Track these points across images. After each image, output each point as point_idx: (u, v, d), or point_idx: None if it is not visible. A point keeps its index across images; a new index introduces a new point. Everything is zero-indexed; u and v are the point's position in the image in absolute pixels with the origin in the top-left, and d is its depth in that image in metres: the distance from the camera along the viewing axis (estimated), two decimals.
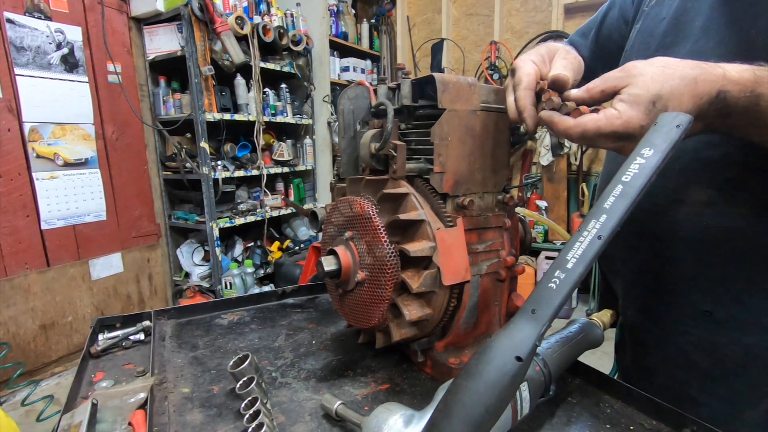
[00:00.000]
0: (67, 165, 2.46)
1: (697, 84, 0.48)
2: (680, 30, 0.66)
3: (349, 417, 0.56)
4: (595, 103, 0.53)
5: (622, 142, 0.50)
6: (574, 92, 0.55)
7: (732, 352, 0.64)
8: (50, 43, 2.36)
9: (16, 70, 2.23)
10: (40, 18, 2.32)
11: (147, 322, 0.89)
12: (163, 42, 2.83)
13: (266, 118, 3.29)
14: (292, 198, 3.70)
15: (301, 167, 3.74)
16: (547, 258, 3.45)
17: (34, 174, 2.32)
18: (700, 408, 0.64)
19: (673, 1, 0.69)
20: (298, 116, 3.66)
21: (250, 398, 0.57)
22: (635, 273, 0.74)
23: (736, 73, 0.48)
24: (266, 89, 3.30)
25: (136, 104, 2.80)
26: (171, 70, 2.92)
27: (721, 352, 0.64)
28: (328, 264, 0.66)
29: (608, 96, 0.52)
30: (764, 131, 0.51)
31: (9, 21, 2.19)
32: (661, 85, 0.48)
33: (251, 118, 3.16)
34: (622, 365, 0.86)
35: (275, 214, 3.43)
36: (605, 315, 0.77)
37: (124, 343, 0.83)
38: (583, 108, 0.52)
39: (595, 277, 3.46)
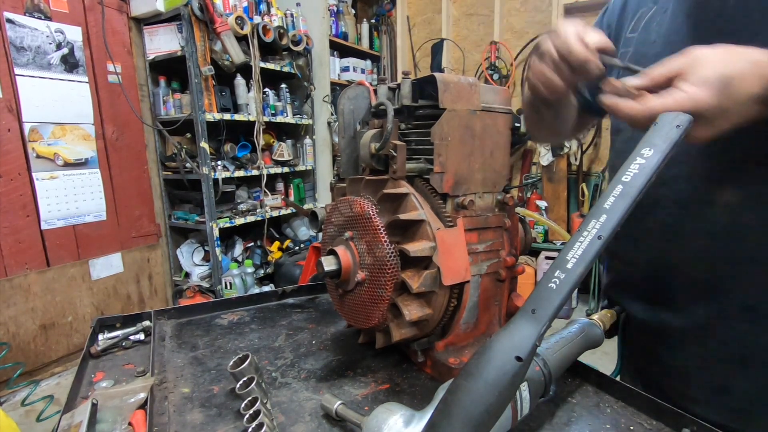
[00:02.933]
0: (67, 165, 2.46)
1: (761, 67, 0.49)
2: (674, 51, 0.68)
3: (349, 417, 0.56)
4: (658, 89, 0.53)
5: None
6: (634, 80, 0.55)
7: None
8: (50, 43, 2.36)
9: (16, 70, 2.23)
10: (40, 18, 2.32)
11: (147, 322, 0.89)
12: (163, 42, 2.83)
13: (266, 118, 3.29)
14: (292, 198, 3.70)
15: (301, 167, 3.74)
16: (547, 258, 3.45)
17: (34, 174, 2.32)
18: (740, 397, 0.67)
19: (660, 26, 0.71)
20: (298, 116, 3.66)
21: (250, 398, 0.57)
22: (665, 271, 0.73)
23: None
24: (266, 89, 3.30)
25: (136, 104, 2.80)
26: (171, 70, 2.92)
27: (763, 343, 0.66)
28: (328, 264, 0.66)
29: (671, 80, 0.52)
30: None
31: (9, 21, 2.19)
32: (728, 66, 0.49)
33: (251, 118, 3.16)
34: (635, 366, 0.84)
35: (275, 214, 3.43)
36: (605, 315, 0.77)
37: (124, 343, 0.83)
38: (644, 93, 0.53)
39: (595, 277, 3.46)
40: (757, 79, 0.49)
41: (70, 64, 2.45)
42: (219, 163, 3.00)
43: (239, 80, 3.11)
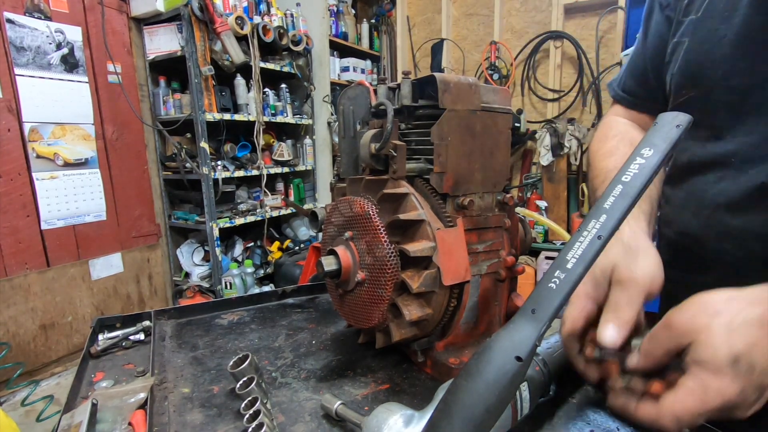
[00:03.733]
0: (67, 165, 2.46)
1: (764, 321, 0.40)
2: (759, 54, 0.53)
3: (349, 417, 0.56)
4: (662, 367, 0.45)
5: (728, 412, 0.41)
6: (634, 358, 0.46)
7: None
8: (50, 43, 2.36)
9: (16, 70, 2.23)
10: (40, 18, 2.32)
11: (147, 322, 0.89)
12: (163, 42, 2.83)
13: (266, 118, 3.29)
14: (292, 198, 3.70)
15: (301, 167, 3.74)
16: (547, 258, 3.45)
17: (34, 174, 2.33)
18: None
19: (730, 12, 0.54)
20: (298, 116, 3.66)
21: (250, 398, 0.57)
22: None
23: None
24: (266, 89, 3.30)
25: (136, 104, 2.81)
26: (171, 70, 2.92)
27: None
28: (328, 264, 0.66)
29: (674, 356, 0.44)
30: None
31: (9, 21, 2.19)
32: (730, 339, 0.40)
33: (251, 118, 3.16)
34: None
35: (275, 214, 3.43)
36: None
37: (124, 343, 0.83)
38: (655, 388, 0.44)
39: None
40: None
41: (70, 64, 2.45)
42: (219, 163, 3.00)
43: (239, 80, 3.11)
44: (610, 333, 0.46)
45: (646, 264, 0.49)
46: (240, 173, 3.11)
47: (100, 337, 0.84)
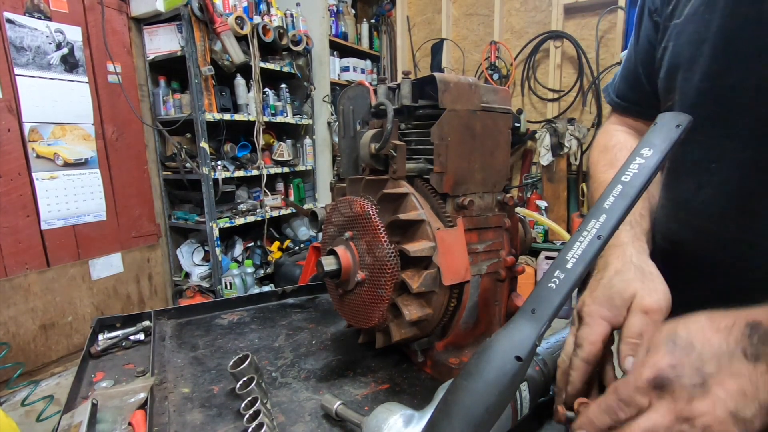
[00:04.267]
0: (67, 165, 2.46)
1: (712, 317, 0.40)
2: (734, 58, 0.52)
3: (349, 417, 0.56)
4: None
5: (661, 392, 0.39)
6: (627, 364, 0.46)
7: None
8: (50, 43, 2.36)
9: (16, 70, 2.23)
10: (40, 18, 2.32)
11: (147, 322, 0.89)
12: (163, 42, 2.83)
13: (266, 118, 3.29)
14: (292, 198, 3.70)
15: (301, 167, 3.74)
16: (547, 258, 3.45)
17: (34, 174, 2.32)
18: None
19: (711, 14, 0.53)
20: (298, 116, 3.66)
21: (250, 398, 0.57)
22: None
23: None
24: (266, 89, 3.30)
25: (136, 104, 2.80)
26: (171, 70, 2.92)
27: None
28: (328, 264, 0.66)
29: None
30: None
31: (9, 21, 2.19)
32: (677, 323, 0.41)
33: (251, 118, 3.16)
34: None
35: (275, 214, 3.43)
36: None
37: (124, 343, 0.83)
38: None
39: None
40: (714, 331, 0.39)
41: (70, 64, 2.45)
42: (219, 163, 2.99)
43: (239, 80, 3.11)
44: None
45: (664, 290, 0.49)
46: (240, 173, 3.11)
47: (100, 337, 0.84)
